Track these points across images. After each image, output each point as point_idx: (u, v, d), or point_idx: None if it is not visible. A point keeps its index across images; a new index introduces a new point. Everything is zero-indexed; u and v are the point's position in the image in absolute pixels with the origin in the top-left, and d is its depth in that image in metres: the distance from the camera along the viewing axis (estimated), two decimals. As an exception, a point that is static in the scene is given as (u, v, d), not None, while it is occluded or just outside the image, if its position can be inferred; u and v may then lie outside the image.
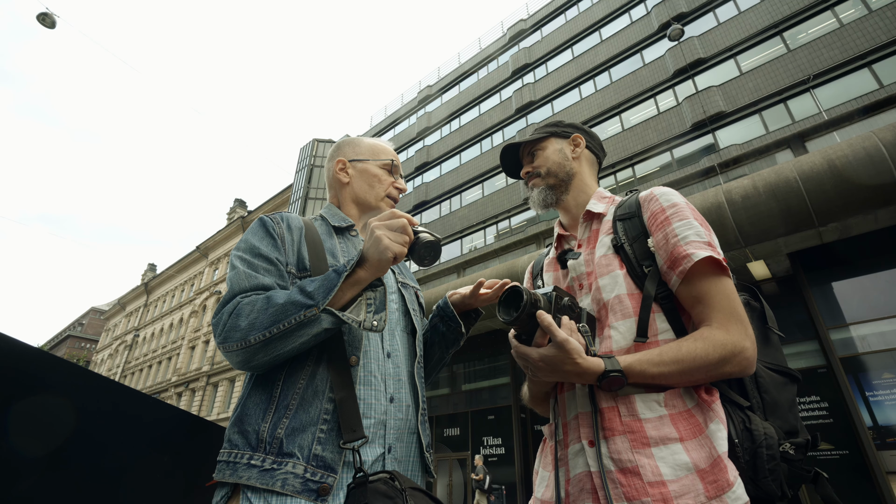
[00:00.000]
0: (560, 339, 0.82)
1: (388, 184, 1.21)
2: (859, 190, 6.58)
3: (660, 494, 0.77)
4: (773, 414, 0.88)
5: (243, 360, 0.85)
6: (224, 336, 0.85)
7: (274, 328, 0.82)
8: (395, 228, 0.89)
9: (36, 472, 1.04)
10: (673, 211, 0.97)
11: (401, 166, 1.27)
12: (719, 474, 0.77)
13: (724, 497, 0.76)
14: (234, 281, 0.92)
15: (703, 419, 0.84)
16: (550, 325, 0.83)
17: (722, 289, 0.88)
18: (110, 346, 42.08)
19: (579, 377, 0.84)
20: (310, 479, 0.79)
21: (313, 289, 0.85)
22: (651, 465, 0.80)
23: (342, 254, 1.05)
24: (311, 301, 0.83)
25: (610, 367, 0.83)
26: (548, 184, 1.18)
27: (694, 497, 0.76)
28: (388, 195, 1.21)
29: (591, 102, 15.60)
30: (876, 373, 7.21)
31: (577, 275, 1.07)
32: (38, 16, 11.73)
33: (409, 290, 1.20)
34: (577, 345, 0.83)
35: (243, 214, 29.94)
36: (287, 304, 0.83)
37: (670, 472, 0.79)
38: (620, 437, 0.85)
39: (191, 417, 1.55)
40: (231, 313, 0.85)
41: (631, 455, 0.82)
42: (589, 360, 0.83)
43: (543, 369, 0.85)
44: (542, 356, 0.84)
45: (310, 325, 0.83)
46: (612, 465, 0.83)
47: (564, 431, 0.97)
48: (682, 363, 0.83)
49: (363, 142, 1.25)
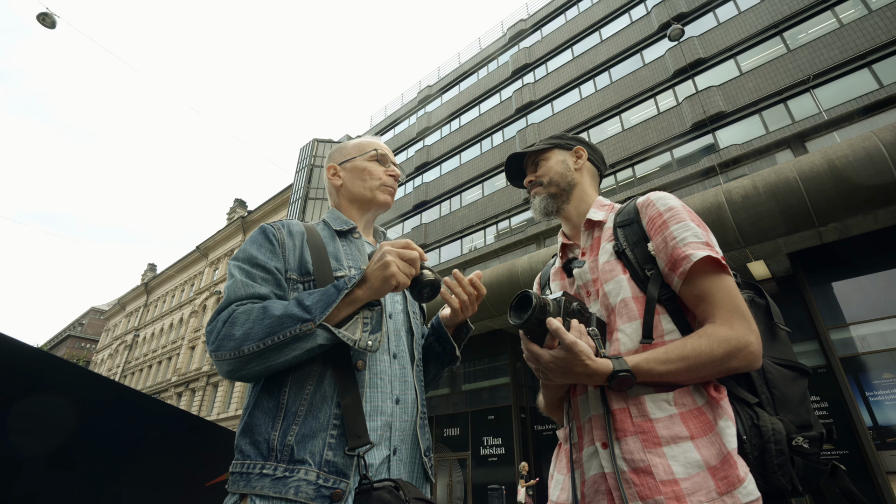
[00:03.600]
0: (569, 341, 0.84)
1: (379, 173, 1.21)
2: (859, 190, 6.58)
3: (672, 492, 0.78)
4: (784, 408, 0.89)
5: (234, 370, 0.85)
6: (217, 344, 0.84)
7: (269, 339, 0.82)
8: (405, 258, 0.90)
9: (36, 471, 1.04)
10: (670, 214, 0.99)
11: (390, 154, 1.26)
12: (729, 470, 0.79)
13: (735, 493, 0.77)
14: (230, 290, 0.92)
15: (713, 416, 0.85)
16: (558, 330, 0.85)
17: (723, 286, 0.90)
18: (110, 346, 42.08)
19: (589, 378, 0.87)
20: (322, 485, 0.79)
21: (311, 303, 0.85)
22: (663, 464, 0.82)
23: (345, 257, 1.05)
24: (308, 315, 0.83)
25: (618, 368, 0.84)
26: (549, 193, 1.21)
27: (706, 494, 0.77)
28: (382, 183, 1.21)
29: (591, 102, 15.60)
30: (876, 373, 7.22)
31: (583, 282, 1.09)
32: (38, 16, 11.73)
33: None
34: (586, 347, 0.85)
35: (243, 214, 29.94)
36: (283, 317, 0.83)
37: (682, 471, 0.80)
38: (632, 437, 0.86)
39: (191, 417, 1.56)
40: (226, 321, 0.85)
41: (643, 455, 0.84)
42: (598, 361, 0.85)
43: (554, 370, 0.88)
44: (554, 357, 0.87)
45: (305, 340, 0.83)
46: (625, 465, 0.85)
47: (579, 435, 0.99)
48: (688, 360, 0.85)
49: (349, 143, 1.26)
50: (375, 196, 1.19)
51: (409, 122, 24.29)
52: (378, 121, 27.07)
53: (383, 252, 0.89)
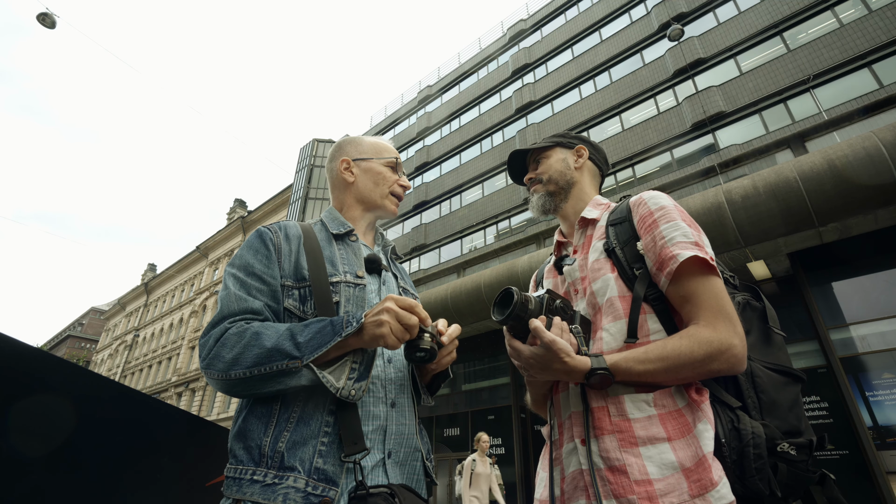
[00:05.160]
0: (547, 339, 0.85)
1: (392, 181, 1.21)
2: (859, 190, 6.58)
3: (645, 493, 0.79)
4: (771, 414, 0.88)
5: (223, 390, 0.87)
6: (208, 363, 0.86)
7: (255, 370, 0.83)
8: (403, 322, 0.86)
9: (36, 471, 1.04)
10: (661, 213, 0.99)
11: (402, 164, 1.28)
12: (703, 473, 0.79)
13: (708, 496, 0.77)
14: (224, 302, 0.93)
15: (692, 419, 0.85)
16: (537, 329, 0.86)
17: (709, 287, 0.89)
18: (110, 346, 42.07)
19: (567, 375, 0.87)
20: (311, 492, 0.79)
21: (303, 340, 0.84)
22: (638, 464, 0.82)
23: (341, 261, 1.04)
24: (297, 353, 0.83)
25: (596, 365, 0.85)
26: (548, 190, 1.22)
27: (678, 496, 0.78)
28: (392, 192, 1.21)
29: (591, 102, 15.60)
30: (876, 373, 7.22)
31: (572, 280, 1.09)
32: (38, 16, 11.74)
33: (409, 296, 1.19)
34: (565, 344, 0.85)
35: (243, 214, 29.93)
36: (273, 351, 0.83)
37: (657, 471, 0.81)
38: (609, 436, 0.87)
39: (191, 417, 1.56)
40: (218, 340, 0.87)
41: (619, 454, 0.84)
42: (577, 358, 0.85)
43: (535, 366, 0.89)
44: (533, 354, 0.88)
45: (289, 376, 0.83)
46: (601, 462, 0.86)
47: (560, 431, 1.00)
48: (667, 360, 0.84)
49: (365, 140, 1.25)
50: (385, 204, 1.20)
51: (409, 122, 24.29)
52: (378, 121, 27.07)
53: (382, 309, 0.86)
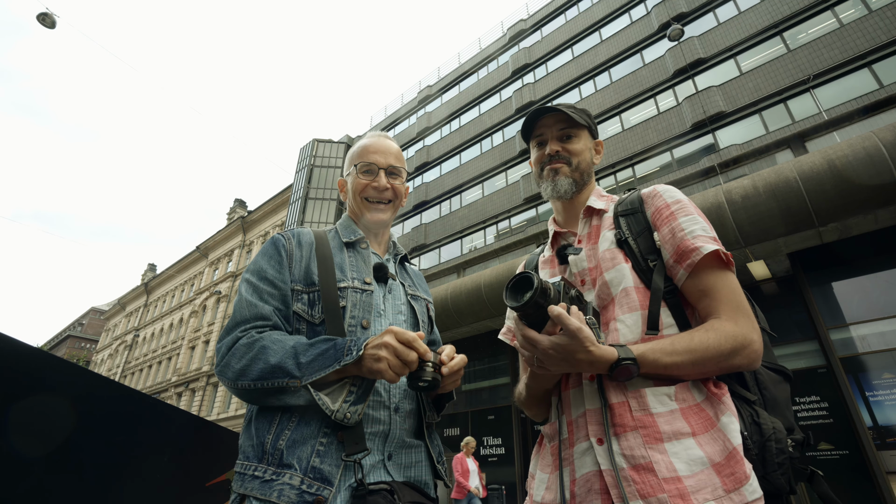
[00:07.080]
0: (573, 327, 0.78)
1: (362, 187, 1.17)
2: (859, 190, 6.58)
3: (676, 490, 0.75)
4: (774, 410, 0.88)
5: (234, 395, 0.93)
6: (220, 369, 0.93)
7: (259, 383, 0.88)
8: (402, 357, 0.85)
9: (36, 471, 1.04)
10: (678, 206, 0.98)
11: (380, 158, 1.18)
12: (736, 467, 0.76)
13: (742, 490, 0.75)
14: (237, 308, 0.98)
15: (714, 412, 0.83)
16: (561, 315, 0.79)
17: (728, 283, 0.89)
18: (110, 346, 42.06)
19: (591, 366, 0.82)
20: (306, 490, 0.81)
21: (306, 361, 0.87)
22: (665, 461, 0.78)
23: (350, 268, 1.08)
24: (298, 374, 0.86)
25: (623, 356, 0.80)
26: (573, 178, 1.14)
27: (711, 491, 0.75)
28: (365, 198, 1.18)
29: (591, 102, 15.59)
30: (876, 373, 7.21)
31: (578, 270, 1.05)
32: (38, 16, 11.74)
33: (419, 301, 1.20)
34: (591, 333, 0.80)
35: (243, 214, 29.91)
36: (276, 368, 0.87)
37: (685, 468, 0.77)
38: (632, 432, 0.82)
39: (191, 417, 1.56)
40: (229, 349, 0.92)
41: (644, 451, 0.80)
42: (602, 348, 0.80)
43: (554, 357, 0.82)
44: (554, 344, 0.80)
45: (288, 394, 0.86)
46: (624, 462, 0.81)
47: (570, 430, 0.94)
48: (694, 353, 0.82)
49: (352, 152, 1.25)
50: (364, 213, 1.18)
51: (409, 122, 24.27)
52: (378, 121, 27.05)
53: (381, 344, 0.85)
